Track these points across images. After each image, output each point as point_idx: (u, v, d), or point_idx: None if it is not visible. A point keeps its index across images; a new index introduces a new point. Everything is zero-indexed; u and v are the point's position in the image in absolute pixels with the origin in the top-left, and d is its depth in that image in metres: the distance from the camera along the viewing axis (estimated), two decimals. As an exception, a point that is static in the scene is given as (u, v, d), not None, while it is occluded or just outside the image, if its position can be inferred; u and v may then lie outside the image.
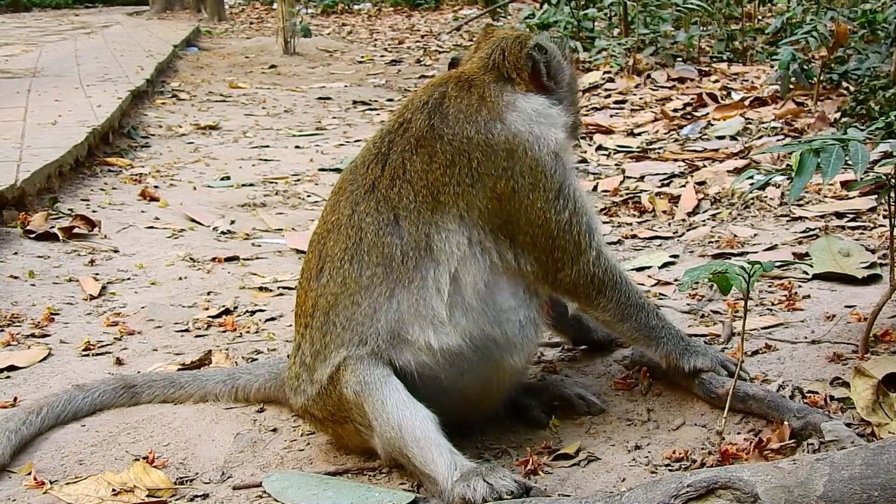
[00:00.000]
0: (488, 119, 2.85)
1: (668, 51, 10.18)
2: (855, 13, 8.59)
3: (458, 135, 2.83)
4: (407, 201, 2.84)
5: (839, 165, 2.82)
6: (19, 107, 9.47)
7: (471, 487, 2.59)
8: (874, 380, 2.91)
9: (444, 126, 2.85)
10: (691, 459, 2.82)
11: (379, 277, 2.81)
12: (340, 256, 2.88)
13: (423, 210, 2.82)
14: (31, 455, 3.13)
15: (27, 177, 6.19)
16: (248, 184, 7.47)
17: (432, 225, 2.82)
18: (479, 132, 2.83)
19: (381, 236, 2.83)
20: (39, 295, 4.74)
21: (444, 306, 2.79)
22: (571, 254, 2.86)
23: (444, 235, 2.81)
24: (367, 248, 2.84)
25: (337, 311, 2.86)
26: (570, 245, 2.85)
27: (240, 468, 3.04)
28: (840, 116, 6.88)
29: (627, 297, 2.98)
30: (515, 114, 2.89)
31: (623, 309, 2.98)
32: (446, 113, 2.87)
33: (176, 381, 3.51)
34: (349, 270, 2.85)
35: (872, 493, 2.00)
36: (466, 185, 2.81)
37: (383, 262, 2.82)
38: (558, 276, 2.88)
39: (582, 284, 2.91)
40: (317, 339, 2.90)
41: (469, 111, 2.87)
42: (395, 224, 2.83)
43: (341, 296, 2.85)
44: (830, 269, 4.19)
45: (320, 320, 2.89)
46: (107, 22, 24.38)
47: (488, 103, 2.89)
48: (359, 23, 23.71)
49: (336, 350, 2.86)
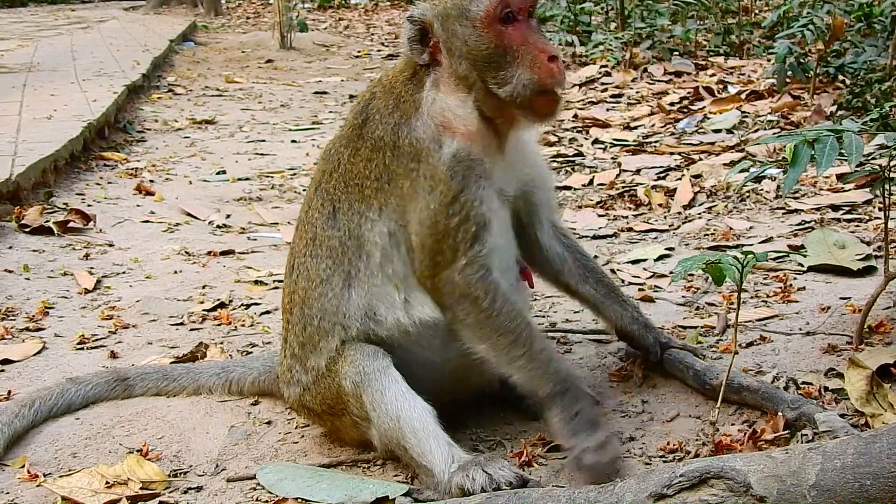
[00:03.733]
0: (399, 121, 2.84)
1: (665, 45, 10.18)
2: (851, 6, 8.58)
3: (374, 134, 2.87)
4: (340, 193, 2.92)
5: (833, 157, 2.81)
6: (15, 101, 9.45)
7: (469, 477, 2.60)
8: (868, 371, 2.92)
9: (366, 126, 2.90)
10: (685, 451, 2.82)
11: (331, 269, 2.91)
12: (302, 251, 3.00)
13: (353, 202, 2.89)
14: (24, 448, 3.12)
15: (22, 171, 6.18)
16: (243, 178, 7.47)
17: (361, 215, 2.88)
18: (389, 134, 2.84)
19: (325, 229, 2.94)
20: (34, 289, 4.73)
21: (395, 290, 2.85)
22: (448, 258, 2.76)
23: (370, 226, 2.87)
24: (318, 241, 2.95)
25: (309, 304, 2.95)
26: (448, 250, 2.75)
27: (234, 461, 3.04)
28: (836, 110, 6.88)
29: (491, 315, 2.73)
30: (420, 119, 2.82)
31: (483, 327, 2.75)
32: (371, 113, 2.91)
33: (169, 374, 3.50)
34: (311, 264, 2.96)
35: (865, 481, 2.00)
36: (383, 182, 2.84)
37: (331, 254, 2.92)
38: (435, 279, 2.79)
39: (447, 291, 2.78)
40: (300, 332, 2.98)
41: (385, 112, 2.88)
42: (333, 217, 2.93)
43: (309, 289, 2.95)
44: (825, 261, 4.20)
45: (297, 315, 2.99)
46: (103, 17, 24.29)
47: (401, 105, 2.86)
48: (355, 17, 23.69)
49: (322, 339, 2.92)
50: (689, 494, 2.13)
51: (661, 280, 4.37)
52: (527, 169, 3.01)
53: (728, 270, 2.64)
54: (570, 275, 3.19)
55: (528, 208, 3.07)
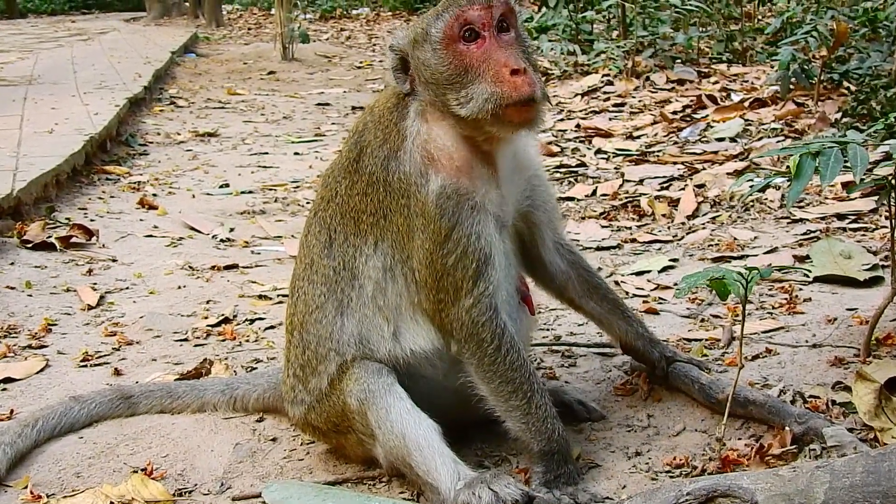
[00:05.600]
0: (388, 154, 2.81)
1: (667, 53, 10.18)
2: (856, 12, 8.58)
3: (368, 169, 2.84)
4: (336, 224, 2.92)
5: (837, 169, 2.81)
6: (15, 115, 9.48)
7: (475, 495, 2.60)
8: (876, 384, 2.90)
9: (360, 161, 2.87)
10: (692, 466, 2.81)
11: (325, 297, 2.92)
12: (301, 275, 3.02)
13: (349, 234, 2.88)
14: (27, 468, 3.12)
15: (23, 186, 6.20)
16: (247, 191, 7.48)
17: (356, 248, 2.87)
18: (380, 170, 2.81)
19: (321, 257, 2.94)
20: (36, 305, 4.74)
21: (385, 322, 2.86)
22: (452, 297, 2.74)
23: (364, 259, 2.86)
24: (315, 268, 2.96)
25: (307, 328, 2.96)
26: (450, 288, 2.73)
27: (239, 479, 3.04)
28: (841, 117, 6.88)
29: (495, 361, 2.73)
30: (407, 152, 2.78)
31: (486, 371, 2.75)
32: (363, 146, 2.88)
33: (174, 392, 3.50)
34: (308, 289, 2.97)
35: (874, 501, 1.99)
36: (379, 217, 2.83)
37: (325, 282, 2.92)
38: (442, 315, 2.79)
39: (457, 328, 2.76)
40: (300, 355, 3.00)
41: (375, 146, 2.84)
42: (329, 246, 2.93)
43: (306, 314, 2.97)
44: (831, 271, 4.19)
45: (297, 337, 3.01)
46: (103, 28, 24.39)
47: (389, 138, 2.83)
48: (357, 28, 23.75)
49: (320, 363, 2.93)
50: (697, 513, 2.13)
51: (665, 292, 4.37)
52: (526, 189, 2.97)
53: (732, 286, 2.64)
54: (574, 290, 3.18)
55: (530, 227, 3.05)
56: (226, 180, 7.86)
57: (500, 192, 2.82)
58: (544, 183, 3.08)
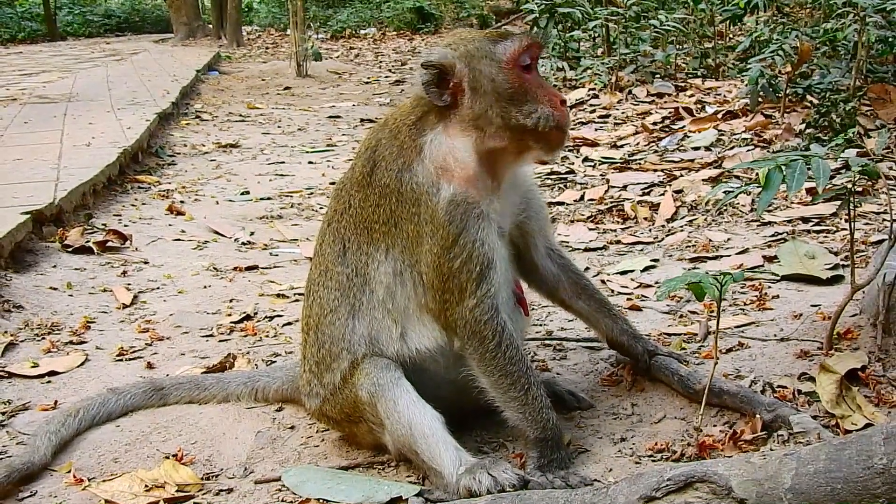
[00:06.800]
0: (402, 167, 2.81)
1: (648, 68, 10.15)
2: (817, 32, 8.56)
3: (381, 182, 2.83)
4: (350, 234, 2.91)
5: (803, 180, 2.82)
6: (56, 130, 9.47)
7: (476, 480, 2.61)
8: (838, 375, 2.91)
9: (374, 175, 2.86)
10: (672, 450, 2.82)
11: (339, 301, 2.92)
12: (316, 280, 3.01)
13: (362, 243, 2.88)
14: (70, 454, 3.13)
15: (64, 195, 6.20)
16: (265, 197, 7.48)
17: (368, 256, 2.87)
18: (394, 181, 2.80)
19: (335, 265, 2.94)
20: (77, 304, 4.75)
21: (393, 324, 2.86)
22: (457, 297, 2.75)
23: (376, 265, 2.86)
24: (329, 274, 2.95)
25: (321, 329, 2.96)
26: (455, 290, 2.75)
27: (261, 464, 3.04)
28: (805, 127, 6.87)
29: (496, 357, 2.75)
30: (422, 164, 2.79)
31: (487, 365, 2.77)
32: (377, 161, 2.87)
33: (201, 384, 3.51)
34: (322, 294, 2.96)
35: (836, 485, 2.00)
36: (390, 226, 2.83)
37: (339, 287, 2.92)
38: (447, 314, 2.79)
39: (461, 326, 2.78)
40: (315, 353, 3.00)
41: (390, 160, 2.84)
42: (343, 255, 2.92)
43: (320, 316, 2.96)
44: (797, 270, 4.20)
45: (313, 337, 3.00)
46: (135, 49, 24.35)
47: (404, 152, 2.82)
48: (365, 46, 23.70)
49: (334, 361, 2.93)
50: (676, 497, 2.13)
51: (647, 290, 4.36)
52: (521, 202, 3.00)
53: (708, 289, 2.65)
54: (564, 292, 3.20)
55: (524, 235, 3.07)
56: (246, 188, 7.85)
57: (501, 203, 2.85)
58: (537, 197, 3.11)
